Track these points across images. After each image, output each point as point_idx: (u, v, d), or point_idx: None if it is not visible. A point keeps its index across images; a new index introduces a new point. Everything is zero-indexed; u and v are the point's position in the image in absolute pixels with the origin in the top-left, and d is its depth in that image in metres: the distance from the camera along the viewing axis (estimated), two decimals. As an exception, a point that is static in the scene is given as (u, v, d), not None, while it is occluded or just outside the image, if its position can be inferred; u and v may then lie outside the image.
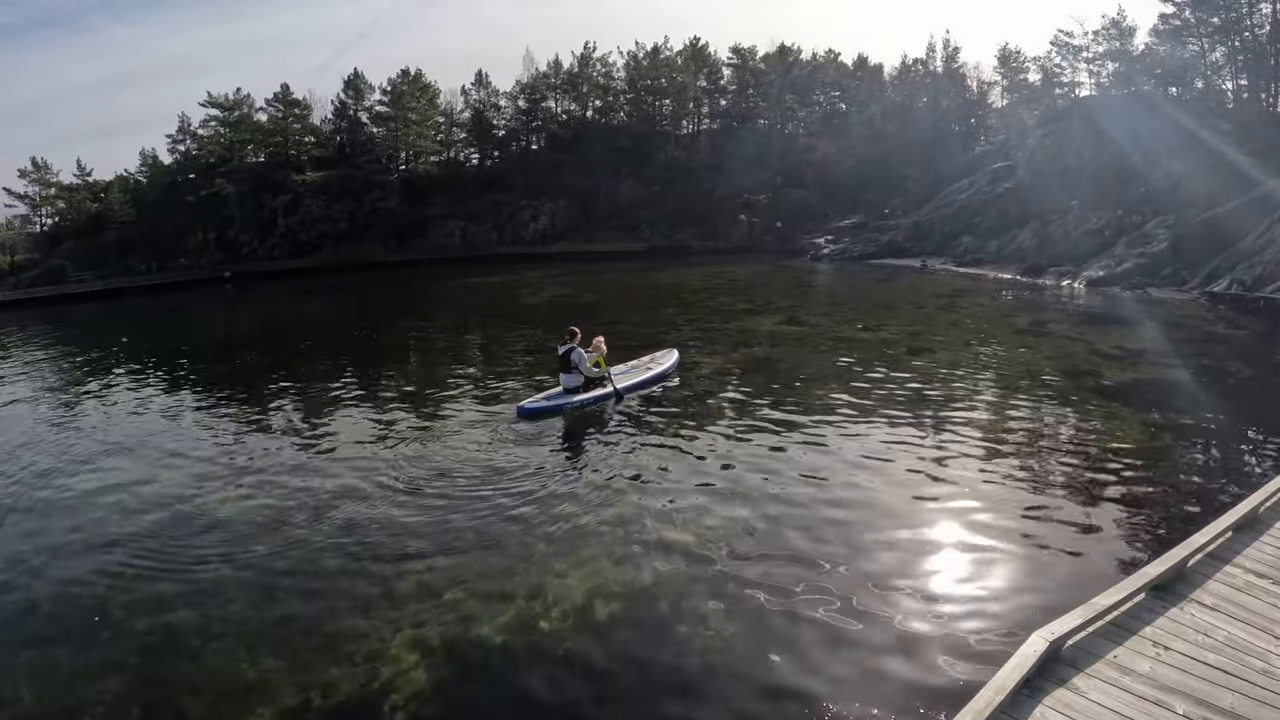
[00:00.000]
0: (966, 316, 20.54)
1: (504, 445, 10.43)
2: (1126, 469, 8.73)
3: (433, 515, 8.14)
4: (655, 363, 13.69)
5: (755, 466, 9.17)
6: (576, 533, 7.55)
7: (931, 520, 7.55)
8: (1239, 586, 5.13)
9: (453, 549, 7.33)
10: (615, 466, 9.36)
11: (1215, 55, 40.23)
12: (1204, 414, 10.88)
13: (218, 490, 9.29)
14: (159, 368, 18.60)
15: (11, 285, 48.22)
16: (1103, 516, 7.48)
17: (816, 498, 8.16)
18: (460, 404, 12.99)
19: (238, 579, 6.93)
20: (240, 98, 59.23)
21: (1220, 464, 9.15)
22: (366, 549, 7.44)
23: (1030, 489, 8.27)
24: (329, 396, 14.26)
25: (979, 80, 59.50)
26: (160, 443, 11.62)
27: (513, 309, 27.04)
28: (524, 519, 7.93)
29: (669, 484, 8.72)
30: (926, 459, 9.18)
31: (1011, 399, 11.91)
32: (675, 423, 11.17)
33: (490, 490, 8.75)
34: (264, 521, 8.25)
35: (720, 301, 25.09)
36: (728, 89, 65.74)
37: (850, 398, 12.11)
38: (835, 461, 9.26)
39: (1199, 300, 22.19)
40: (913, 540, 7.10)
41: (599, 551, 7.10)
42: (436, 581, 6.69)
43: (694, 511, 7.89)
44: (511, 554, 7.14)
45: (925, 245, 39.39)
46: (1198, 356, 14.83)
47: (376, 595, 6.50)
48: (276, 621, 6.19)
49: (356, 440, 11.06)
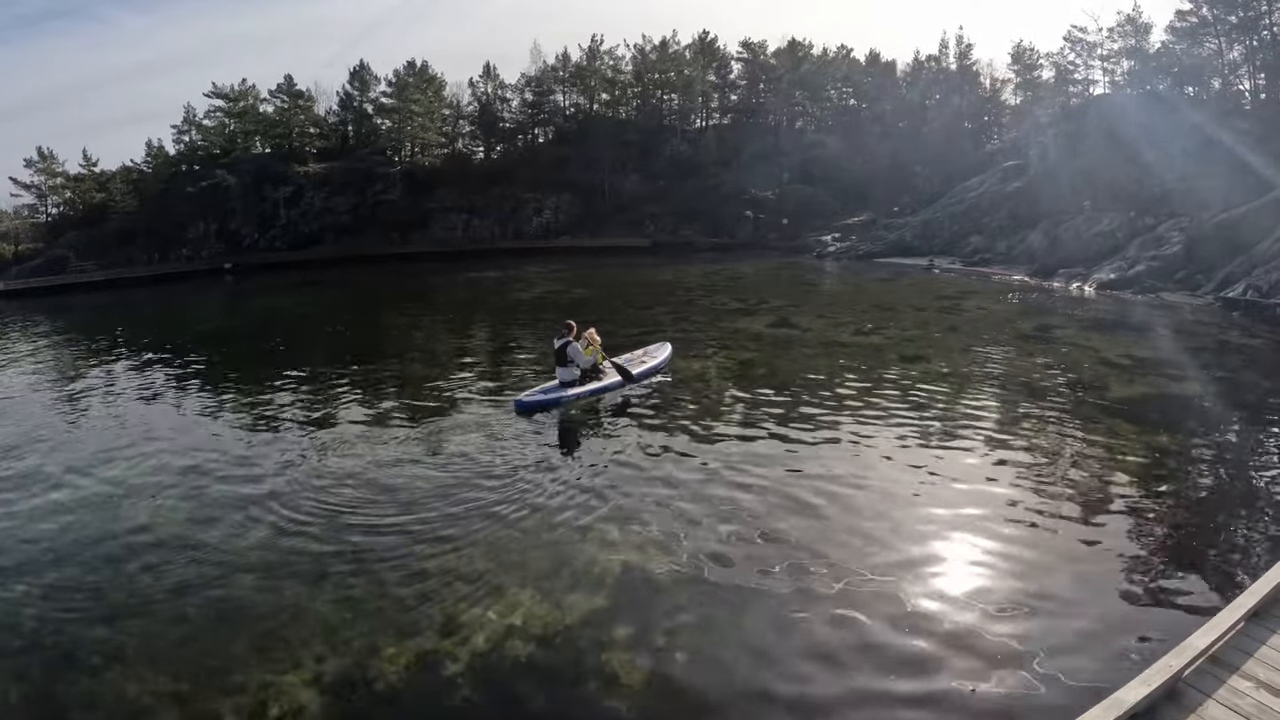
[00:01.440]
0: (968, 320, 19.75)
1: (502, 441, 10.35)
2: (1127, 494, 8.05)
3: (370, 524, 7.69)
4: (649, 356, 13.73)
5: (723, 480, 8.61)
6: (536, 543, 7.14)
7: (911, 540, 6.92)
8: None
9: (405, 560, 6.95)
10: (577, 473, 9.02)
11: (1233, 54, 39.05)
12: (1214, 432, 10.17)
13: (146, 494, 8.94)
14: (132, 359, 18.25)
15: (13, 274, 48.33)
16: (1099, 548, 6.82)
17: (777, 507, 7.69)
18: (424, 404, 12.49)
19: (149, 591, 6.62)
20: (245, 88, 58.99)
21: (1231, 486, 8.43)
22: (295, 562, 7.03)
23: (1017, 515, 7.60)
24: (268, 395, 13.89)
25: (992, 78, 58.51)
26: (103, 440, 11.27)
27: (498, 305, 26.49)
28: (503, 518, 7.72)
29: (625, 493, 8.27)
30: (904, 481, 8.51)
31: (1003, 414, 11.14)
32: (634, 429, 10.70)
33: (472, 494, 8.46)
34: (185, 531, 7.82)
35: (713, 300, 24.41)
36: (737, 84, 64.89)
37: (827, 409, 11.45)
38: (801, 479, 8.61)
39: (1213, 306, 21.33)
40: (887, 563, 6.48)
41: (550, 568, 6.63)
42: (362, 598, 6.28)
43: (657, 518, 7.58)
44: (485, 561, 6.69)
45: (933, 244, 38.66)
46: (1210, 367, 14.06)
47: (288, 617, 6.10)
48: (180, 640, 5.85)
49: (316, 444, 10.59)
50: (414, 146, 61.16)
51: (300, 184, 54.32)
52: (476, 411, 11.91)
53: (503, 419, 11.36)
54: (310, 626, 5.89)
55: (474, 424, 11.20)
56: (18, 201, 56.23)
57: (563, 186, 55.71)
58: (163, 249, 51.69)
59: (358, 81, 60.75)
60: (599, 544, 7.12)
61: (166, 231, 51.77)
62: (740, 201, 52.69)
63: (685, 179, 55.42)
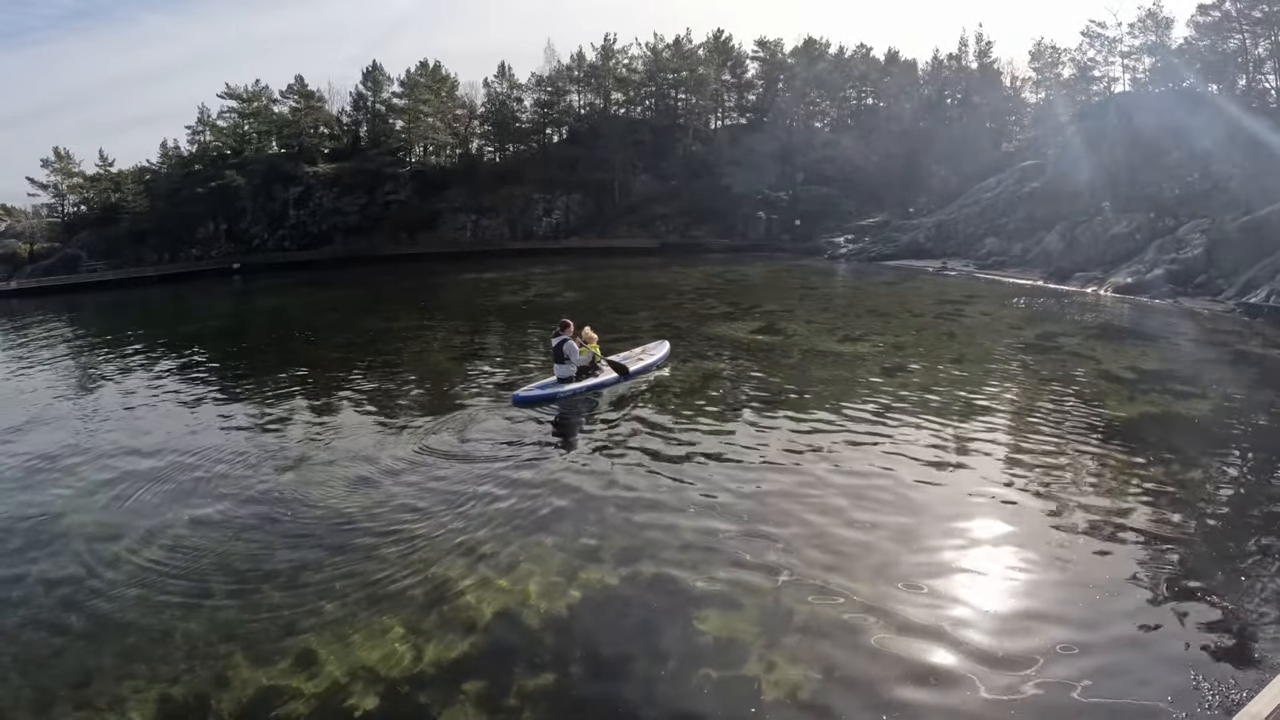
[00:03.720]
0: (966, 328, 18.63)
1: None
2: (1105, 521, 7.12)
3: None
4: (647, 353, 14.11)
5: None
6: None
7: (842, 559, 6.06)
8: None
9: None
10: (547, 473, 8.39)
11: (1259, 50, 37.19)
12: (1217, 461, 9.12)
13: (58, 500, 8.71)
14: (112, 358, 17.98)
15: (27, 273, 48.92)
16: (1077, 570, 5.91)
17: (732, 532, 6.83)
18: (363, 411, 11.83)
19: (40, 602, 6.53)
20: (259, 89, 59.22)
21: (1236, 515, 7.44)
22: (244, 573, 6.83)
23: (981, 537, 6.74)
24: (204, 402, 13.52)
25: (1013, 76, 56.86)
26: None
27: (484, 308, 25.86)
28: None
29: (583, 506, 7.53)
30: (855, 511, 7.63)
31: (977, 434, 10.07)
32: (588, 444, 10.00)
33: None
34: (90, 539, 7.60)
35: (704, 304, 23.49)
36: (754, 83, 63.74)
37: (785, 424, 10.62)
38: (745, 500, 7.81)
39: (1234, 312, 20.05)
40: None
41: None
42: (234, 620, 5.88)
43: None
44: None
45: (948, 246, 37.52)
46: (1224, 383, 12.91)
47: (159, 634, 5.91)
48: (56, 652, 5.75)
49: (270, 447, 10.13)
50: (426, 147, 60.88)
51: (309, 184, 54.36)
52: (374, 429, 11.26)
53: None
54: (177, 645, 5.71)
55: (409, 431, 10.69)
56: (36, 201, 57.06)
57: (573, 186, 55.09)
58: (173, 249, 52.04)
59: (370, 81, 60.71)
60: (482, 578, 6.51)
61: (177, 231, 52.11)
62: (753, 202, 51.61)
63: (697, 179, 54.48)
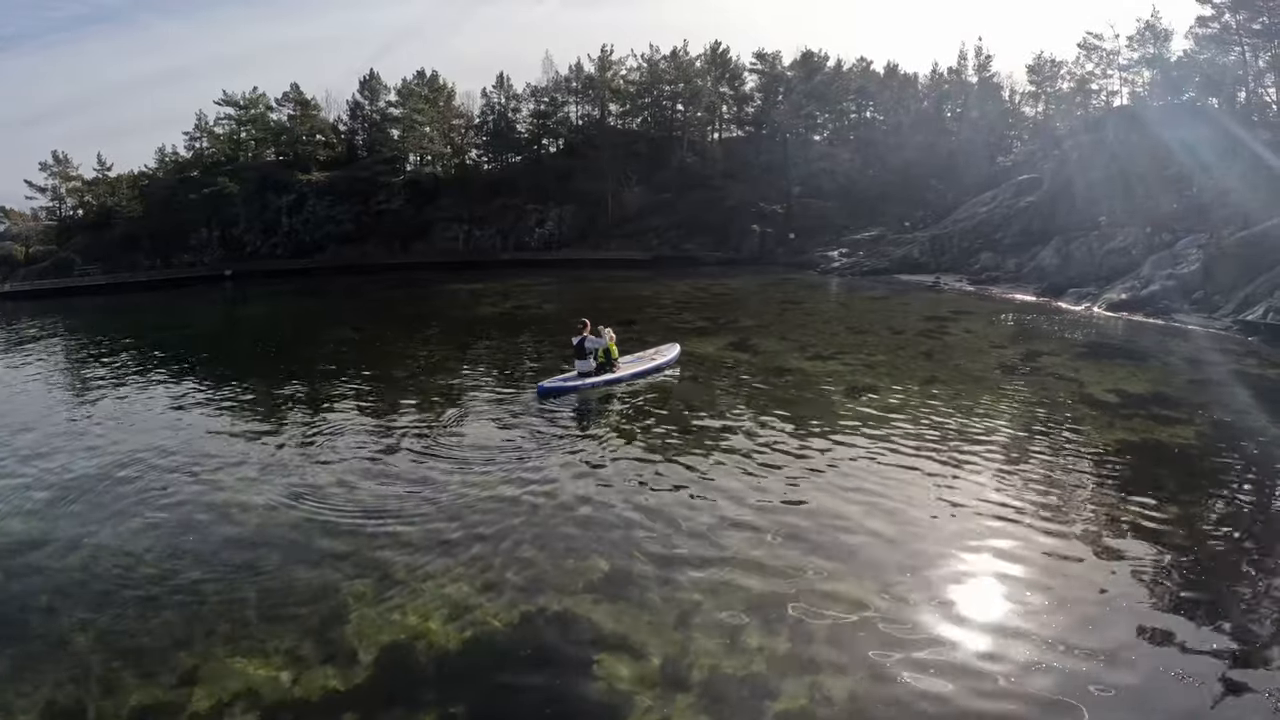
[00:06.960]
0: (947, 346, 17.83)
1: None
2: (1070, 577, 6.37)
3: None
4: (659, 354, 15.22)
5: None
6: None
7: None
8: None
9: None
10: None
11: (1260, 62, 36.47)
12: (1199, 494, 8.37)
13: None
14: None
15: (21, 276, 48.79)
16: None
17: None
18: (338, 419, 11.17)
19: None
20: (256, 96, 59.07)
21: (1227, 545, 6.70)
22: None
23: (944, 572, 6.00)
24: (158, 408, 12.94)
25: (1012, 90, 56.28)
26: None
27: (457, 320, 25.32)
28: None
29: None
30: (789, 547, 6.92)
31: (938, 466, 9.34)
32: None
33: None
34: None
35: (680, 318, 22.82)
36: (752, 96, 63.20)
37: (734, 450, 9.98)
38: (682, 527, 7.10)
39: (1230, 330, 19.23)
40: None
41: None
42: (130, 630, 5.44)
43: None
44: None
45: (942, 261, 36.75)
46: (1213, 406, 12.12)
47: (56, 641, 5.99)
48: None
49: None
50: (421, 157, 60.49)
51: (303, 192, 54.08)
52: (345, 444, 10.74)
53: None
54: (73, 656, 5.73)
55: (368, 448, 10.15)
56: (34, 204, 57.01)
57: (566, 198, 54.54)
58: (166, 254, 51.78)
59: (367, 90, 60.51)
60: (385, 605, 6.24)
61: (171, 237, 51.91)
62: (747, 215, 50.91)
63: (692, 191, 53.88)
